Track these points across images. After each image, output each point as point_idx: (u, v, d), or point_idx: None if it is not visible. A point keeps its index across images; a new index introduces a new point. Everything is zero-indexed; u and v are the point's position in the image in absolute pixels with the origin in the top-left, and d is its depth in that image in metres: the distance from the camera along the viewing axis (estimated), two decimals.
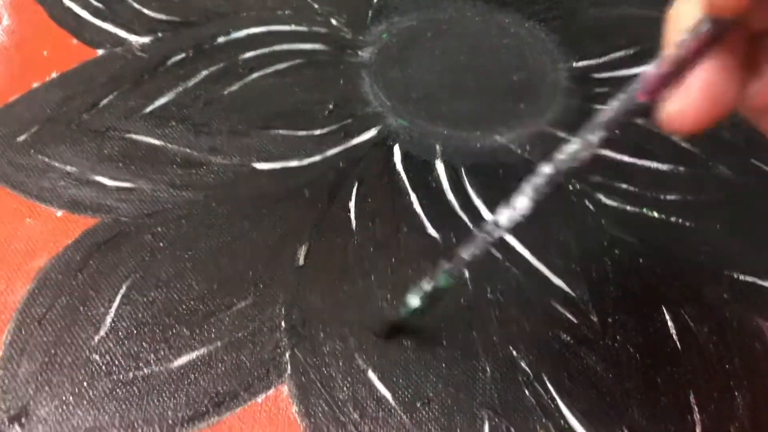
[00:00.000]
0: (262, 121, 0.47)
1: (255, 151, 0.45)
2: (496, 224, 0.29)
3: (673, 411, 0.35)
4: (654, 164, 0.46)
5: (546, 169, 0.27)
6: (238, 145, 0.46)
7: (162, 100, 0.48)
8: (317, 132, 0.47)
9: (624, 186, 0.44)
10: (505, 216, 0.28)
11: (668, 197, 0.44)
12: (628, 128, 0.47)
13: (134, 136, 0.46)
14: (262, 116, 0.47)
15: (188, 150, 0.45)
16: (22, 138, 0.45)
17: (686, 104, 0.22)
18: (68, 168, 0.44)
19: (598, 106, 0.49)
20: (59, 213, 0.41)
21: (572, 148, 0.26)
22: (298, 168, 0.44)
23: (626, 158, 0.46)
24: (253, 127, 0.47)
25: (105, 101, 0.48)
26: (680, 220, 0.42)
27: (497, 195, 0.42)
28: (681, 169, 0.45)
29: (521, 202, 0.28)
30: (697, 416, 0.35)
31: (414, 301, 0.34)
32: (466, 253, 0.31)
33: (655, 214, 0.43)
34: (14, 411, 0.34)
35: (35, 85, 0.49)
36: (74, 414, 0.34)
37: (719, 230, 0.42)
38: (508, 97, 0.50)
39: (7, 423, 0.33)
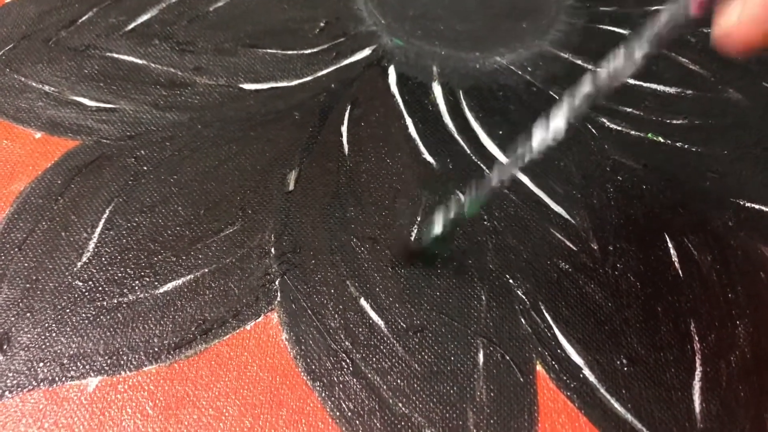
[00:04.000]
0: (249, 40, 0.45)
1: (242, 71, 0.43)
2: (528, 148, 0.26)
3: (672, 340, 0.34)
4: (660, 87, 0.44)
5: (585, 87, 0.24)
6: (225, 64, 0.43)
7: (144, 17, 0.46)
8: (307, 51, 0.44)
9: (628, 109, 0.42)
10: (539, 139, 0.25)
11: (674, 121, 0.42)
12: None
13: (115, 55, 0.44)
14: (249, 34, 0.45)
15: (172, 69, 0.43)
16: None
17: (746, 16, 0.19)
18: (46, 88, 0.42)
19: (603, 26, 0.47)
20: (38, 135, 0.40)
21: (614, 65, 0.23)
22: (287, 89, 0.42)
23: (631, 81, 0.44)
24: (240, 45, 0.44)
25: (84, 18, 0.46)
26: (686, 146, 0.41)
27: (497, 119, 0.41)
28: (689, 92, 0.43)
29: (557, 124, 0.25)
30: (697, 345, 0.34)
31: (437, 227, 0.32)
32: (494, 178, 0.28)
33: (661, 139, 0.41)
34: None
35: None
36: (57, 341, 0.33)
37: (726, 156, 0.40)
38: (509, 16, 0.48)
39: None
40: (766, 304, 0.35)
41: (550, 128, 0.25)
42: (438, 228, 0.32)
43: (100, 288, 0.34)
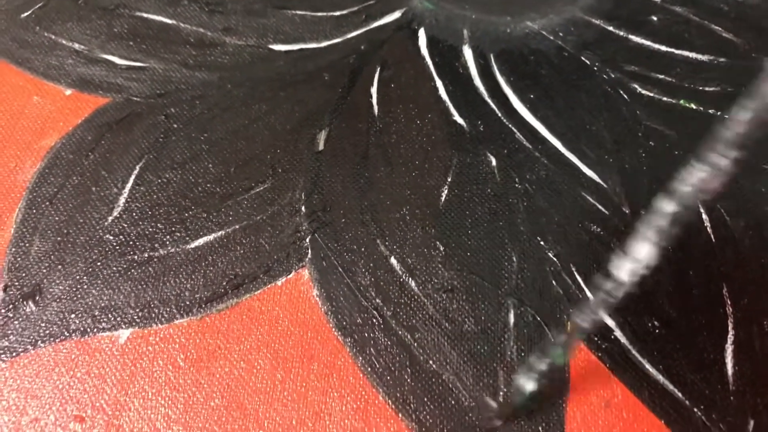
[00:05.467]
0: (278, 1, 0.44)
1: (271, 31, 0.43)
2: (616, 281, 0.24)
3: (704, 303, 0.34)
4: (693, 54, 0.43)
5: (668, 206, 0.21)
6: (254, 25, 0.43)
7: None
8: (337, 13, 0.44)
9: (661, 76, 0.42)
10: (627, 270, 0.23)
11: (707, 88, 0.41)
12: (663, 17, 0.45)
13: (145, 15, 0.43)
14: None
15: (202, 30, 0.43)
16: (26, 14, 0.43)
17: None
18: (76, 46, 0.42)
19: None
20: (68, 92, 0.40)
21: (697, 176, 0.20)
22: (317, 50, 0.42)
23: (663, 48, 0.43)
24: (270, 6, 0.44)
25: None
26: (719, 112, 0.40)
27: (528, 82, 0.41)
28: (722, 60, 0.43)
29: (644, 251, 0.23)
30: (729, 309, 0.33)
31: (528, 384, 0.30)
32: (583, 320, 0.26)
33: (693, 106, 0.41)
34: (28, 288, 0.33)
35: None
36: (88, 293, 0.33)
37: None
38: None
39: (21, 300, 0.32)
40: None
41: (639, 257, 0.23)
42: (530, 385, 0.30)
43: (131, 242, 0.34)
